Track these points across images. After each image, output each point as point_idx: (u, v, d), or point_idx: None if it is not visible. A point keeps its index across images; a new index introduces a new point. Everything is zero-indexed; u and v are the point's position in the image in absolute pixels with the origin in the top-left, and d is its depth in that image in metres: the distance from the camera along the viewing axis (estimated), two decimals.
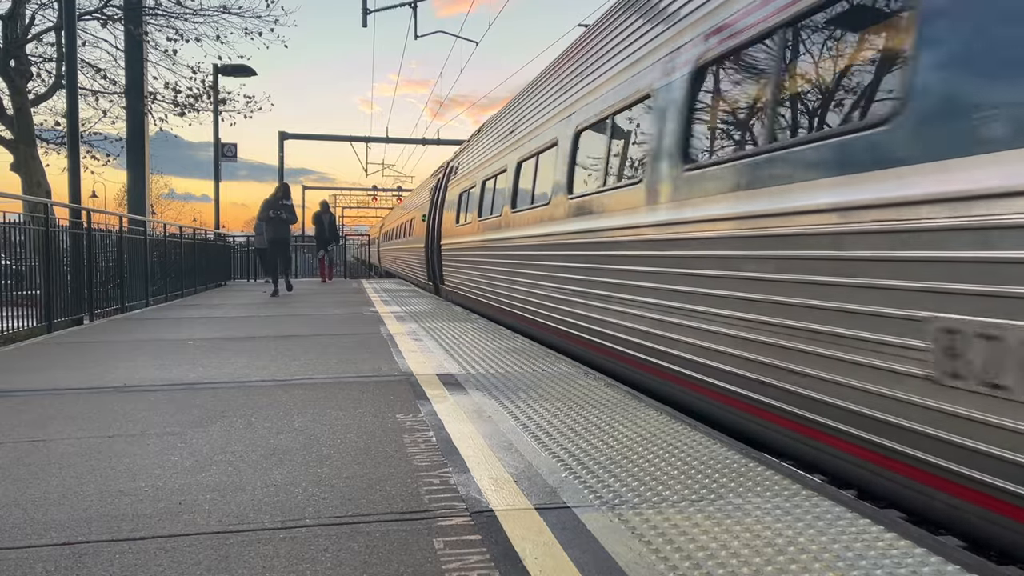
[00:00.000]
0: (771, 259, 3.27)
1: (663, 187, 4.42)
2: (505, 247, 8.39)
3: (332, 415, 3.60)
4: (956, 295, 2.28)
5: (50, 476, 2.66)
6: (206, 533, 2.12)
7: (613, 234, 5.17)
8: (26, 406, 3.81)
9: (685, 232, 4.09)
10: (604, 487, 2.50)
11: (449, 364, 5.11)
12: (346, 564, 1.92)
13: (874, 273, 2.63)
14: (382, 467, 2.75)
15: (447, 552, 1.98)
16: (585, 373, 4.78)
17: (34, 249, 7.35)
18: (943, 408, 2.35)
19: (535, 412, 3.63)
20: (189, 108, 15.47)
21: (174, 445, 3.06)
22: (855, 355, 2.74)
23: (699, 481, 2.56)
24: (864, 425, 2.73)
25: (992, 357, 2.16)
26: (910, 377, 2.48)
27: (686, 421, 3.46)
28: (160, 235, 12.44)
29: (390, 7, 19.30)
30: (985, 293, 2.18)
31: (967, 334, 2.23)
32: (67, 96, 9.64)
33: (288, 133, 30.20)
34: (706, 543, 2.03)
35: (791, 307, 3.12)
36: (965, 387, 2.25)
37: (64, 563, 1.93)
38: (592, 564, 1.91)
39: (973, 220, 2.22)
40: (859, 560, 1.91)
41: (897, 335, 2.52)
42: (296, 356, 5.54)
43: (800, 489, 2.47)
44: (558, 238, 6.43)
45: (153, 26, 14.11)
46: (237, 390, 4.24)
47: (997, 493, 2.21)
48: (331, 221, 17.54)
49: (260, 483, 2.56)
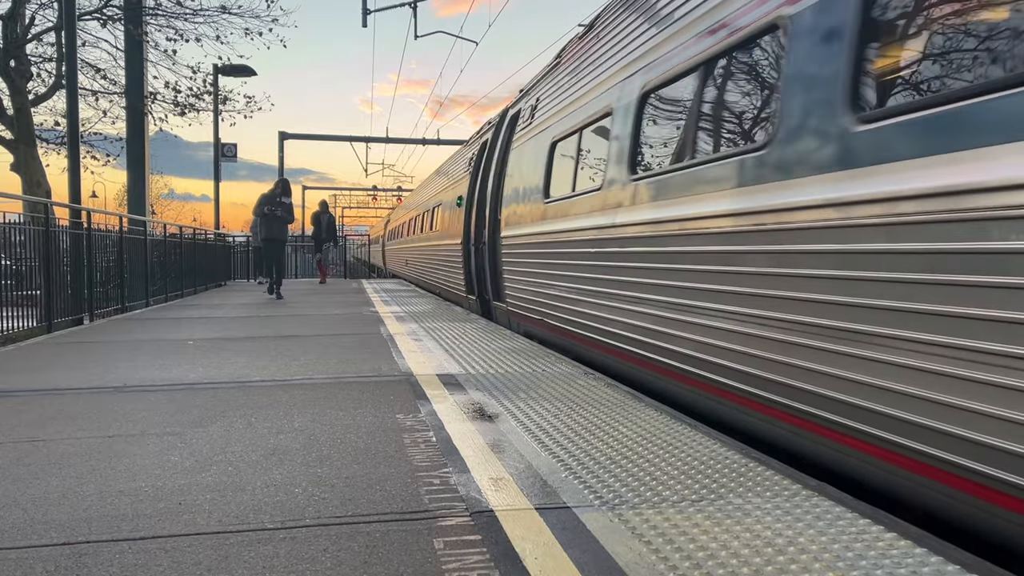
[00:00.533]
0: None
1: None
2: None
3: (332, 415, 3.60)
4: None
5: (50, 476, 2.66)
6: (206, 533, 2.12)
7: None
8: (26, 406, 3.81)
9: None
10: (604, 487, 2.50)
11: (449, 364, 5.11)
12: (346, 564, 1.92)
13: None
14: (382, 467, 2.75)
15: (447, 552, 1.98)
16: (585, 373, 4.78)
17: (34, 249, 7.36)
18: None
19: (535, 412, 3.63)
20: (189, 108, 15.48)
21: (174, 445, 3.06)
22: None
23: (699, 481, 2.56)
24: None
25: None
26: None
27: (686, 421, 3.46)
28: (160, 235, 12.45)
29: (390, 7, 19.30)
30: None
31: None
32: (67, 96, 9.64)
33: (288, 133, 30.23)
34: (706, 543, 2.03)
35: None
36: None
37: (64, 563, 1.93)
38: (592, 564, 1.91)
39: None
40: (859, 560, 1.91)
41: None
42: (296, 356, 5.54)
43: (800, 489, 2.47)
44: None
45: (153, 26, 14.12)
46: (237, 390, 4.24)
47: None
48: (330, 222, 17.15)
49: (260, 483, 2.56)
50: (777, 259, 3.22)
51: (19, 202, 8.94)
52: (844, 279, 2.78)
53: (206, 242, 15.99)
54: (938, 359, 2.37)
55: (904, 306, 2.51)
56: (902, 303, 2.52)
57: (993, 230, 2.18)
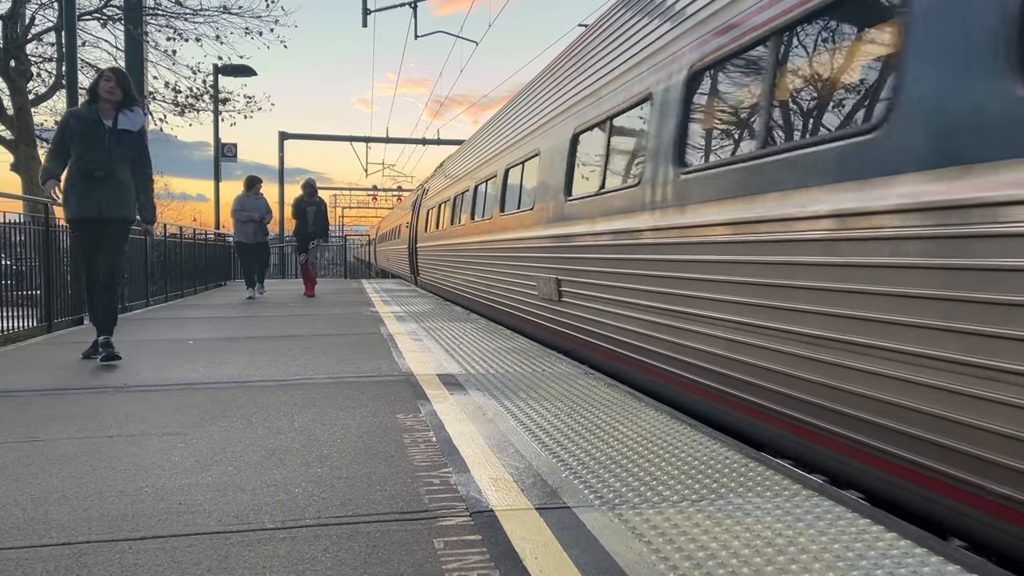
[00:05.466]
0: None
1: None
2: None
3: (332, 415, 3.60)
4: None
5: (50, 476, 2.66)
6: (206, 533, 2.12)
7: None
8: (26, 406, 3.81)
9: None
10: (604, 487, 2.50)
11: (449, 364, 5.11)
12: (346, 564, 1.92)
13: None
14: (382, 467, 2.75)
15: (447, 552, 1.98)
16: (585, 373, 4.78)
17: (34, 249, 7.35)
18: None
19: (535, 412, 3.63)
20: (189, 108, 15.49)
21: (174, 445, 3.06)
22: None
23: (699, 481, 2.56)
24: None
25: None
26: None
27: (686, 421, 3.45)
28: (160, 235, 12.44)
29: (390, 7, 19.31)
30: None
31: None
32: (67, 96, 9.63)
33: (288, 133, 30.25)
34: (707, 543, 2.03)
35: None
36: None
37: (64, 563, 1.93)
38: (592, 564, 1.91)
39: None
40: (859, 560, 1.91)
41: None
42: (296, 356, 5.54)
43: (800, 489, 2.47)
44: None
45: (153, 26, 14.12)
46: (237, 390, 4.24)
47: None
48: (320, 211, 12.73)
49: (260, 483, 2.56)
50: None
51: (19, 202, 8.95)
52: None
53: (206, 242, 15.99)
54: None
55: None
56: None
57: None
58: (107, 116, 5.23)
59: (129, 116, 5.30)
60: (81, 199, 5.18)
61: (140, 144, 5.37)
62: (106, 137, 5.18)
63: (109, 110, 5.24)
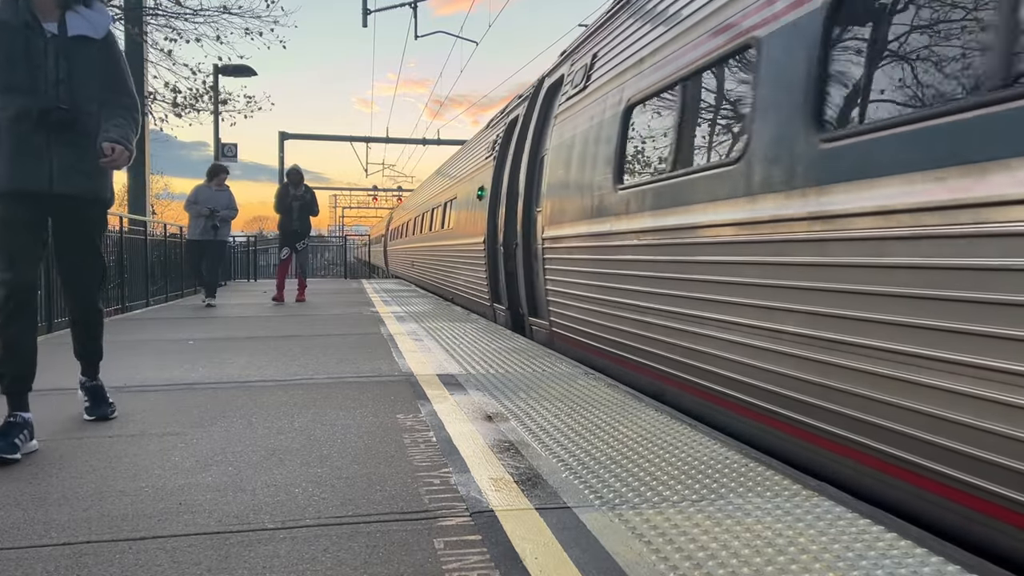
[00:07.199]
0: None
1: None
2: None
3: (332, 415, 3.60)
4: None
5: (50, 476, 2.66)
6: (206, 533, 2.12)
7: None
8: None
9: None
10: (605, 487, 2.50)
11: (449, 364, 5.11)
12: (346, 564, 1.92)
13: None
14: (382, 467, 2.75)
15: (447, 552, 1.98)
16: (585, 373, 4.78)
17: None
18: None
19: (535, 412, 3.63)
20: (189, 108, 15.48)
21: (174, 445, 3.06)
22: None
23: (700, 481, 2.56)
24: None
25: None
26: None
27: (686, 421, 3.45)
28: (160, 235, 12.44)
29: (390, 7, 19.32)
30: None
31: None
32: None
33: (288, 133, 30.25)
34: (707, 543, 2.03)
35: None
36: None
37: (64, 563, 1.93)
38: (592, 564, 1.91)
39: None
40: (859, 560, 1.90)
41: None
42: (296, 356, 5.54)
43: (800, 489, 2.47)
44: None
45: (153, 26, 14.11)
46: (237, 390, 4.24)
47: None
48: (307, 202, 10.87)
49: (260, 483, 2.56)
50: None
51: None
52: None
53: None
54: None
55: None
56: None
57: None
58: (47, 16, 3.10)
59: (84, 14, 3.19)
60: (15, 161, 3.01)
61: (110, 60, 3.28)
62: (48, 51, 3.07)
63: (49, 6, 3.10)
